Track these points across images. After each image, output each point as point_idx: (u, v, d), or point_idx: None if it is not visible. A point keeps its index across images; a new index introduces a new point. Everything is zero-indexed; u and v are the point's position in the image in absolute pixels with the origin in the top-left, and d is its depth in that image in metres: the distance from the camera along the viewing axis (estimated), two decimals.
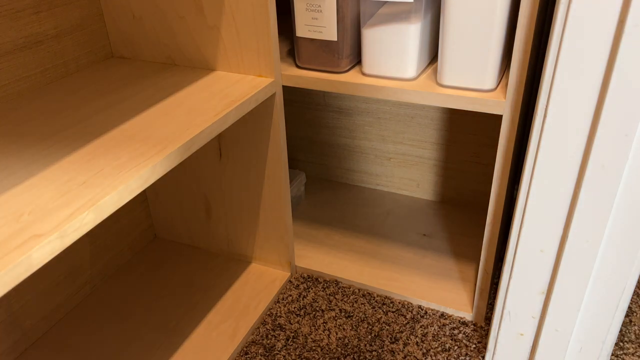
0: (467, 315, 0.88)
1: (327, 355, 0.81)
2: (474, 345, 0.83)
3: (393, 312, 0.89)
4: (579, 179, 0.69)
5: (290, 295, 0.93)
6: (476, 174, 1.09)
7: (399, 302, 0.91)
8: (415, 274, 0.96)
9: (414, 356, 0.81)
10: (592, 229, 0.72)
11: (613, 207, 0.69)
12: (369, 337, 0.84)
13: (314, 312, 0.89)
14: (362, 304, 0.90)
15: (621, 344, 0.83)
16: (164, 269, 0.99)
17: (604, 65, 0.61)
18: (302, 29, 0.78)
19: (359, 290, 0.94)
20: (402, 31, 0.74)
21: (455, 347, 0.82)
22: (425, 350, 0.81)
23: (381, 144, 1.13)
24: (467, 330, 0.85)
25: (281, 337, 0.85)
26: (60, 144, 0.62)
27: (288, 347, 0.83)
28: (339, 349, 0.82)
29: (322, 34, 0.77)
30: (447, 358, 0.80)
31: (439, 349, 0.82)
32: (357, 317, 0.88)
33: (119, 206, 0.54)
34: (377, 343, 0.83)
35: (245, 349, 0.83)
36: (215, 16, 0.77)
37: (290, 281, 0.96)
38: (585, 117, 0.65)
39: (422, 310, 0.89)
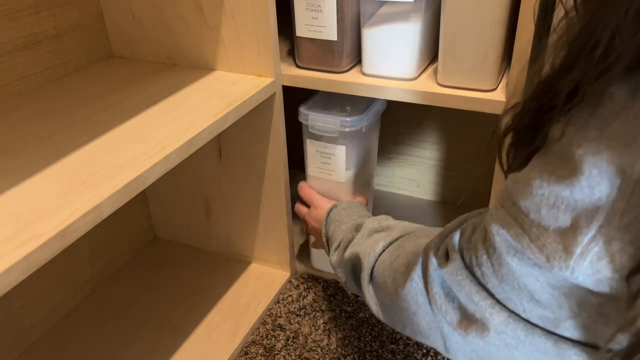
0: None
1: (327, 356, 0.81)
2: None
3: None
4: None
5: (290, 296, 0.93)
6: (476, 174, 1.09)
7: None
8: None
9: (414, 357, 0.81)
10: None
11: None
12: (369, 337, 0.84)
13: (314, 313, 0.89)
14: (362, 304, 0.90)
15: None
16: (163, 269, 0.99)
17: None
18: (302, 29, 0.78)
19: None
20: (402, 31, 0.74)
21: None
22: (425, 351, 0.81)
23: (381, 143, 1.13)
24: None
25: (281, 337, 0.85)
26: (60, 144, 0.61)
27: (288, 347, 0.83)
28: (339, 349, 0.82)
29: (322, 34, 0.77)
30: (447, 359, 0.80)
31: None
32: (358, 318, 0.88)
33: (119, 206, 0.54)
34: (377, 343, 0.83)
35: (245, 349, 0.83)
36: (215, 16, 0.77)
37: (290, 281, 0.96)
38: None
39: None
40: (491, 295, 0.44)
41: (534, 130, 0.41)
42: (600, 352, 0.39)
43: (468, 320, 0.46)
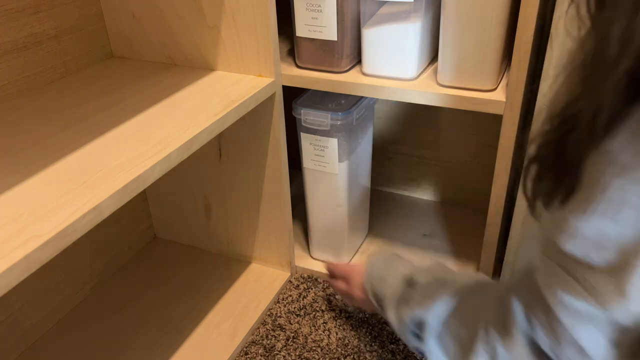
0: None
1: (327, 356, 0.81)
2: None
3: None
4: None
5: (290, 296, 0.93)
6: (476, 174, 1.09)
7: None
8: None
9: (414, 357, 0.81)
10: None
11: None
12: (369, 337, 0.84)
13: (314, 312, 0.89)
14: None
15: None
16: (164, 269, 0.99)
17: None
18: (302, 29, 0.78)
19: None
20: (402, 31, 0.74)
21: None
22: None
23: (381, 143, 1.13)
24: None
25: (281, 337, 0.85)
26: (60, 143, 0.61)
27: (288, 347, 0.83)
28: (339, 349, 0.82)
29: (322, 34, 0.77)
30: None
31: None
32: (357, 318, 0.88)
33: (119, 206, 0.54)
34: (377, 343, 0.83)
35: (245, 349, 0.83)
36: (215, 16, 0.77)
37: (290, 281, 0.96)
38: None
39: None
40: None
41: (558, 160, 0.39)
42: None
43: None
